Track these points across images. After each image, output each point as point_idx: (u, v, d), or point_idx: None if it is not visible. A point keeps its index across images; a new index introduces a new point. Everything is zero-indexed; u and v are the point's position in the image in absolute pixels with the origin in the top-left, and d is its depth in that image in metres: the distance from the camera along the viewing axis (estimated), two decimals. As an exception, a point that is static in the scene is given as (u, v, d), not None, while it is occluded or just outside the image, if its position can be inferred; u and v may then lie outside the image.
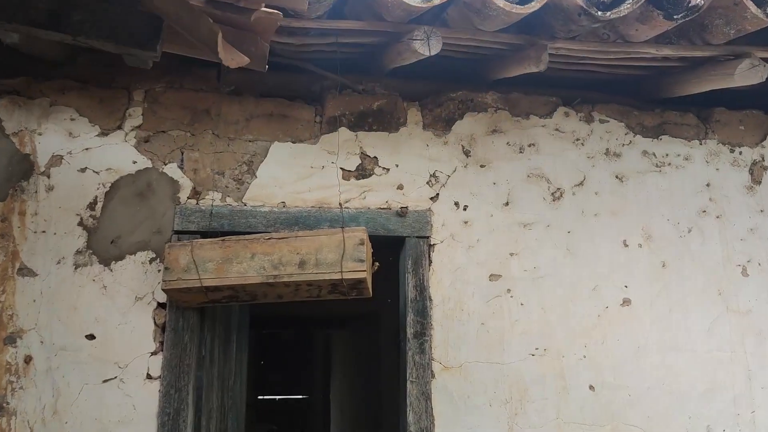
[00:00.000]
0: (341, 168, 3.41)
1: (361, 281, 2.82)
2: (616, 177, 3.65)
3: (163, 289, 2.89)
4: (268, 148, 3.39)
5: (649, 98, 3.77)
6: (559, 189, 3.57)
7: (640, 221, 3.62)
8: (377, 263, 3.00)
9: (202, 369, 3.21)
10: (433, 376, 3.25)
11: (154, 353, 3.06)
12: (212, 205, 3.21)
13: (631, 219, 3.61)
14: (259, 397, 13.78)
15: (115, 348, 3.04)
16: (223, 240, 2.92)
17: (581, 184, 3.60)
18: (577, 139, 3.67)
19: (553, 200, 3.56)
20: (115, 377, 3.02)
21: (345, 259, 2.82)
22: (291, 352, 13.95)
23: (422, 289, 3.31)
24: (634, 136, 3.73)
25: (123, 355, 3.04)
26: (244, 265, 2.85)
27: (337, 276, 2.79)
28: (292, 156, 3.40)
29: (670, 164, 3.73)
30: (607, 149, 3.68)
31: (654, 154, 3.72)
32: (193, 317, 3.10)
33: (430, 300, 3.34)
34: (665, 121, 3.79)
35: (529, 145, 3.61)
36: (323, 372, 12.43)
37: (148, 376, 3.04)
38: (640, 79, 3.65)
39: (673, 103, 3.79)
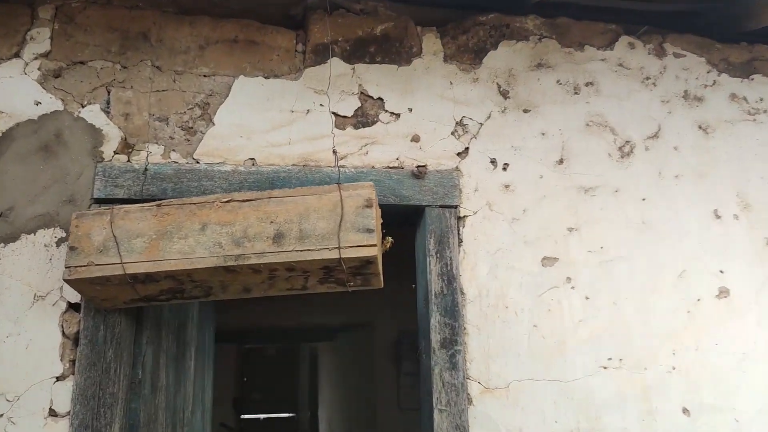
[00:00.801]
0: (334, 113, 2.44)
1: (370, 262, 1.85)
2: (699, 127, 2.71)
3: (65, 279, 1.90)
4: (231, 85, 2.42)
5: (727, 34, 2.86)
6: (627, 142, 2.63)
7: (733, 185, 2.68)
8: (390, 238, 2.03)
9: (138, 399, 2.22)
10: (470, 401, 2.28)
11: (61, 378, 2.06)
12: (147, 162, 2.23)
13: (722, 182, 2.67)
14: (243, 417, 12.72)
15: (2, 371, 2.04)
16: (158, 205, 1.94)
17: (656, 136, 2.66)
18: (647, 78, 2.73)
19: (621, 157, 2.61)
20: (1, 416, 2.01)
21: (344, 229, 1.85)
22: (276, 367, 12.90)
23: (451, 279, 2.34)
24: (718, 75, 2.80)
25: (13, 381, 2.04)
26: (191, 242, 1.87)
27: (333, 254, 1.82)
28: (264, 96, 2.43)
29: (766, 111, 2.79)
30: (686, 91, 2.74)
31: (745, 99, 2.80)
32: (121, 324, 2.11)
33: (462, 294, 2.37)
34: (756, 56, 2.87)
35: (587, 85, 2.66)
36: (310, 389, 11.43)
37: (52, 413, 2.04)
38: (715, 8, 2.71)
39: (761, 35, 2.87)
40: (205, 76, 2.42)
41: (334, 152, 2.22)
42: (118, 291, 1.93)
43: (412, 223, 2.49)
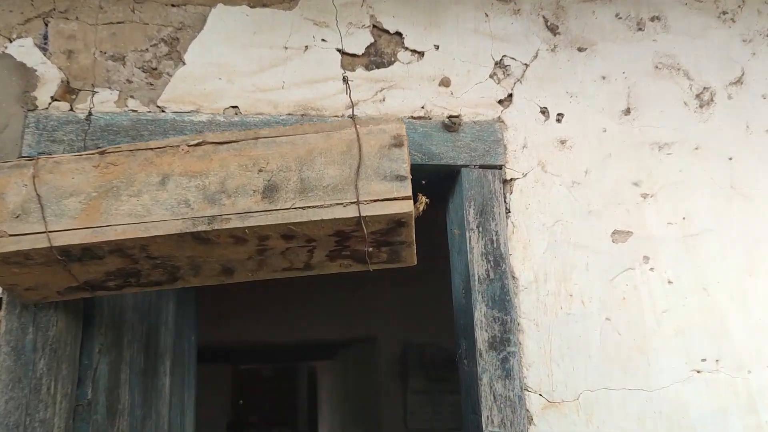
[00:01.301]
0: (339, 50, 1.89)
1: (402, 223, 1.30)
2: (790, 73, 2.17)
3: (-36, 257, 1.33)
4: (207, 15, 1.87)
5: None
6: (706, 89, 2.08)
7: (837, 141, 2.13)
8: (424, 198, 1.47)
9: (86, 427, 1.65)
10: (530, 420, 1.72)
11: (-28, 400, 1.49)
12: (92, 105, 1.68)
13: (823, 138, 2.13)
14: (238, 441, 12.07)
15: None
16: (102, 153, 1.38)
17: (739, 82, 2.12)
18: (724, 13, 2.19)
19: (700, 107, 2.07)
20: None
21: (363, 177, 1.30)
22: (273, 388, 12.27)
23: (498, 260, 1.78)
24: (807, 11, 2.26)
25: None
26: (146, 200, 1.31)
27: (350, 212, 1.28)
28: (250, 29, 1.88)
29: None
30: (771, 30, 2.21)
31: (840, 39, 2.25)
32: (58, 325, 1.55)
33: (514, 278, 1.81)
34: None
35: (652, 19, 2.12)
36: (310, 410, 10.80)
37: (-42, 449, 1.46)
38: None
39: None
40: (173, 5, 1.87)
41: (345, 80, 1.65)
42: (48, 275, 1.37)
43: (442, 188, 1.93)
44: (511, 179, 1.88)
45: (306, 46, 1.89)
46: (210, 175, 1.33)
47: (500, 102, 1.95)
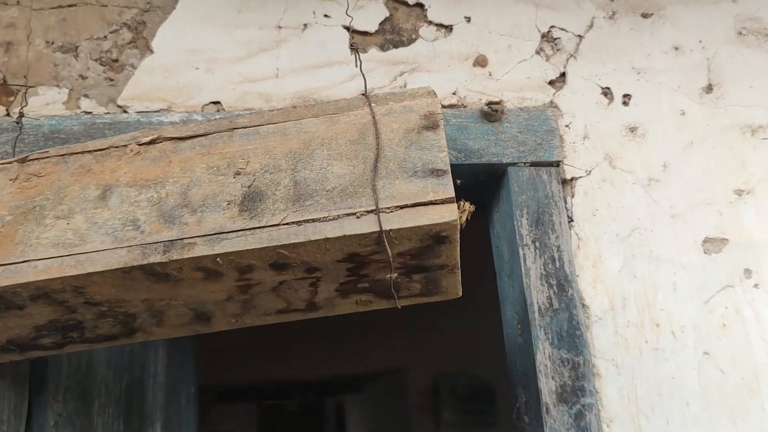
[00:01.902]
0: (347, 28, 1.51)
1: (443, 239, 0.89)
2: None
3: None
4: (179, -8, 1.49)
5: None
6: (803, 59, 1.67)
7: None
8: (468, 204, 1.07)
9: None
10: (618, 495, 1.29)
11: None
12: (24, 103, 1.30)
13: None
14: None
15: None
16: (22, 161, 0.99)
17: (842, 48, 1.70)
18: (815, -33, 1.77)
19: (798, 80, 1.65)
20: None
21: (383, 174, 0.91)
22: (299, 424, 11.78)
23: (563, 284, 1.37)
24: None
25: None
26: (79, 223, 0.92)
27: (366, 225, 0.87)
28: (234, 5, 1.50)
29: None
30: None
31: None
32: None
33: (584, 307, 1.39)
34: None
35: (729, -23, 1.72)
36: (338, 449, 10.30)
37: None
38: None
39: None
40: (137, -17, 1.49)
41: (352, 48, 1.23)
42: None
43: (482, 196, 1.53)
44: (572, 179, 1.48)
45: (305, 25, 1.51)
46: (168, 183, 0.94)
47: (551, 83, 1.55)
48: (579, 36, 1.60)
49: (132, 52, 1.44)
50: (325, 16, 1.51)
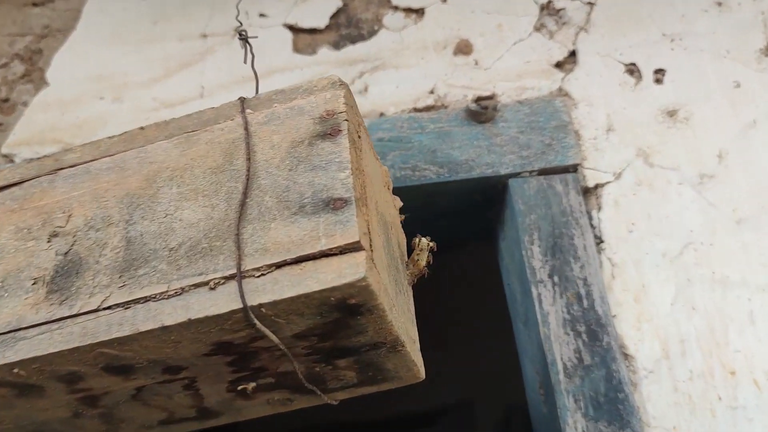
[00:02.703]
0: (290, 27, 1.20)
1: (355, 304, 0.54)
2: None
3: None
4: (81, 10, 1.21)
5: None
6: None
7: None
8: (427, 241, 0.72)
9: None
10: None
11: None
12: None
13: None
14: None
15: None
16: None
17: None
18: None
19: None
20: None
21: (253, 213, 0.57)
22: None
23: (595, 330, 1.01)
24: None
25: None
26: None
27: (224, 301, 0.53)
28: (147, 16, 1.21)
29: None
30: None
31: None
32: None
33: (626, 358, 1.02)
34: None
35: None
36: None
37: None
38: None
39: None
40: (34, 4, 1.22)
41: (241, 36, 0.90)
42: None
43: (482, 220, 1.19)
44: (596, 186, 1.12)
45: (235, 30, 1.20)
46: None
47: (558, 65, 1.20)
48: (589, 3, 1.24)
49: (25, 87, 1.16)
50: (261, 15, 1.21)
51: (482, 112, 1.12)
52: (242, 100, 0.66)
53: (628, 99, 1.18)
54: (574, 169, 1.11)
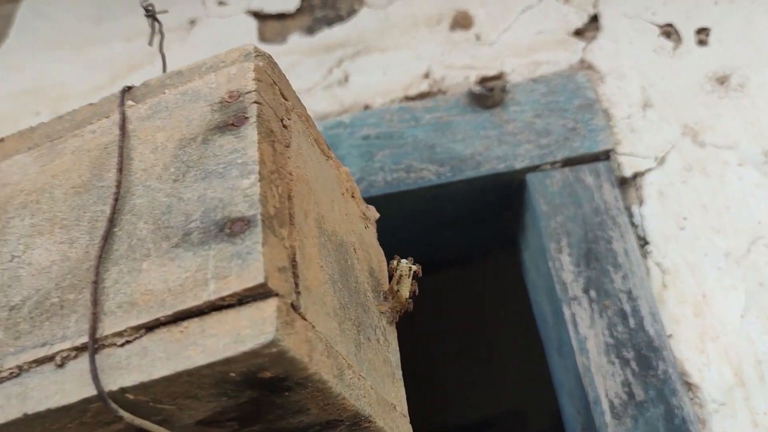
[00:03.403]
0: (254, 14, 1.01)
1: (274, 378, 0.34)
2: None
3: None
4: (13, 14, 1.04)
5: None
6: None
7: None
8: (408, 263, 0.52)
9: None
10: None
11: None
12: None
13: None
14: None
15: None
16: None
17: None
18: None
19: None
20: None
21: (122, 247, 0.39)
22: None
23: (647, 355, 0.79)
24: None
25: None
26: None
27: (75, 382, 0.34)
28: (91, 14, 1.03)
29: None
30: None
31: None
32: None
33: (690, 388, 0.80)
34: None
35: None
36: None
37: None
38: None
39: None
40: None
41: (148, 13, 0.69)
42: None
43: (497, 226, 0.99)
44: (635, 175, 0.91)
45: (192, 21, 1.02)
46: None
47: (578, 33, 0.99)
48: (611, -43, 1.04)
49: (-50, 108, 0.99)
50: (220, 3, 1.02)
51: (488, 95, 0.91)
52: (126, 89, 0.47)
53: (666, 67, 0.97)
54: (606, 156, 0.90)
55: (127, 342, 0.36)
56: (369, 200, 0.71)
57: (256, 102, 0.42)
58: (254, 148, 0.39)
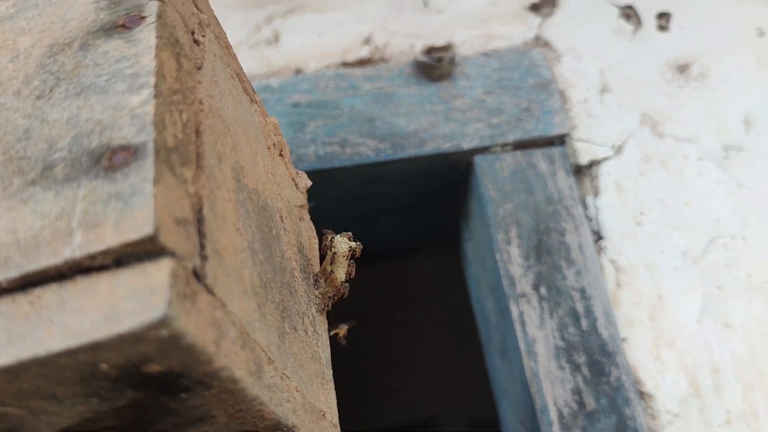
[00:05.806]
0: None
1: (168, 372, 0.24)
2: None
3: None
4: None
5: None
6: None
7: None
8: (347, 239, 0.41)
9: None
10: None
11: None
12: None
13: None
14: None
15: None
16: None
17: None
18: None
19: None
20: None
21: None
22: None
23: (599, 360, 0.72)
24: None
25: None
26: None
27: None
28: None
29: None
30: None
31: None
32: None
33: (644, 398, 0.73)
34: None
35: None
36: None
37: None
38: None
39: None
40: None
41: None
42: None
43: (444, 211, 0.89)
44: (591, 163, 0.83)
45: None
46: None
47: (534, 8, 0.91)
48: (570, -70, 0.96)
49: None
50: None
51: (436, 66, 0.82)
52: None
53: (626, 50, 0.90)
54: (561, 140, 0.82)
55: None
56: (299, 170, 0.60)
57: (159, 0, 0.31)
58: (150, 55, 0.28)
